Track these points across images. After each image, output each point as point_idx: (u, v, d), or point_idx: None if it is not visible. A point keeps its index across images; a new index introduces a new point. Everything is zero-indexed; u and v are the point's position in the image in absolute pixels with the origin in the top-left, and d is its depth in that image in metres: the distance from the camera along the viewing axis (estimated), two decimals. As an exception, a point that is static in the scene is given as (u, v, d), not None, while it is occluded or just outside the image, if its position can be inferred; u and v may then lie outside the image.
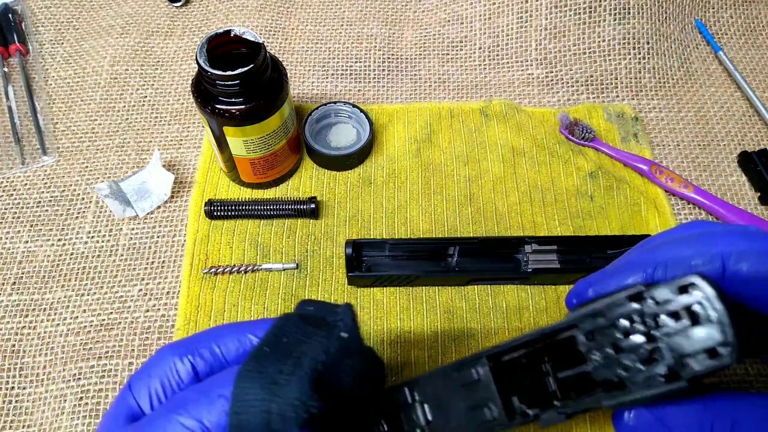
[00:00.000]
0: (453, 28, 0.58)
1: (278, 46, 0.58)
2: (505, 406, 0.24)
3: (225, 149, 0.43)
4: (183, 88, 0.55)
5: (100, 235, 0.46)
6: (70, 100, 0.54)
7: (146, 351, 0.41)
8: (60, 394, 0.39)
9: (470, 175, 0.49)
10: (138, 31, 0.58)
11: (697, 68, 0.57)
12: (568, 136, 0.51)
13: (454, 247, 0.43)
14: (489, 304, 0.43)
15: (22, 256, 0.45)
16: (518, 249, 0.43)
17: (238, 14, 0.60)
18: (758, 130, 0.53)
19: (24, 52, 0.56)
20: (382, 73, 0.57)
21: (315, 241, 0.46)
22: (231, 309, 0.42)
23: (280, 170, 0.46)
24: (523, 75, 0.56)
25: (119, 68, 0.56)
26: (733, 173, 0.50)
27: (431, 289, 0.43)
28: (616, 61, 0.55)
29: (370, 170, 0.49)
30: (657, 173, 0.48)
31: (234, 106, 0.39)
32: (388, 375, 0.40)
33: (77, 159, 0.50)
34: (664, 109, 0.54)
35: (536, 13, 0.56)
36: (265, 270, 0.44)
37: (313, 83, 0.56)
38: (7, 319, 0.42)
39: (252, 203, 0.46)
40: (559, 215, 0.47)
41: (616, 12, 0.54)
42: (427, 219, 0.47)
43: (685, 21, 0.58)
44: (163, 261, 0.45)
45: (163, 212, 0.47)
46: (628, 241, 0.43)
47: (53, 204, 0.48)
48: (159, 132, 0.52)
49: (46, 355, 0.41)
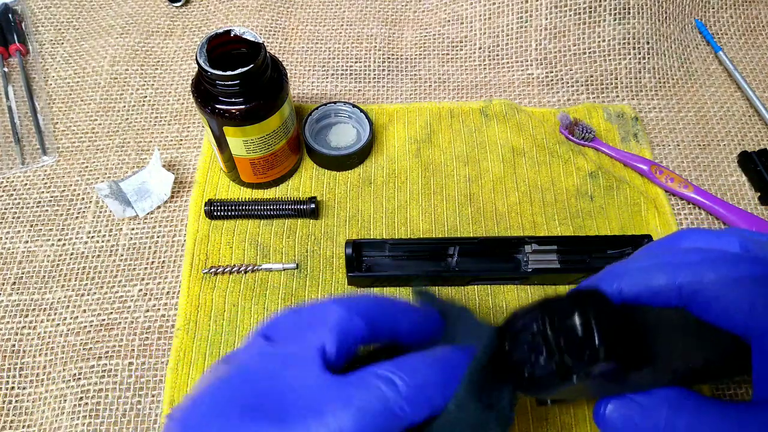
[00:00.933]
0: (453, 28, 0.58)
1: (278, 46, 0.58)
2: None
3: (225, 149, 0.43)
4: (183, 88, 0.55)
5: (100, 235, 0.46)
6: (70, 100, 0.54)
7: (146, 351, 0.41)
8: (60, 394, 0.39)
9: (470, 175, 0.49)
10: (138, 31, 0.58)
11: (697, 68, 0.57)
12: (568, 136, 0.51)
13: (454, 247, 0.43)
14: (489, 304, 0.43)
15: (22, 256, 0.45)
16: (518, 249, 0.43)
17: (238, 14, 0.60)
18: (758, 130, 0.53)
19: (24, 52, 0.56)
20: (382, 73, 0.57)
21: (315, 241, 0.46)
22: (231, 309, 0.42)
23: (280, 170, 0.46)
24: (523, 75, 0.56)
25: (119, 68, 0.56)
26: (733, 173, 0.50)
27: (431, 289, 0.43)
28: (616, 61, 0.55)
29: (370, 170, 0.49)
30: (657, 173, 0.48)
31: (234, 106, 0.39)
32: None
33: (77, 159, 0.50)
34: (664, 109, 0.54)
35: (536, 13, 0.56)
36: (265, 270, 0.44)
37: (313, 83, 0.56)
38: (7, 319, 0.42)
39: (252, 203, 0.46)
40: (559, 215, 0.47)
41: (616, 12, 0.54)
42: (427, 219, 0.47)
43: (685, 21, 0.58)
44: (163, 261, 0.45)
45: (163, 212, 0.47)
46: (628, 241, 0.43)
47: (53, 204, 0.48)
48: (159, 132, 0.52)
49: (46, 355, 0.41)
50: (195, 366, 0.40)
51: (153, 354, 0.41)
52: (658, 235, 0.46)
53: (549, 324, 0.24)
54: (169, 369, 0.40)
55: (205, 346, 0.41)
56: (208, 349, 0.41)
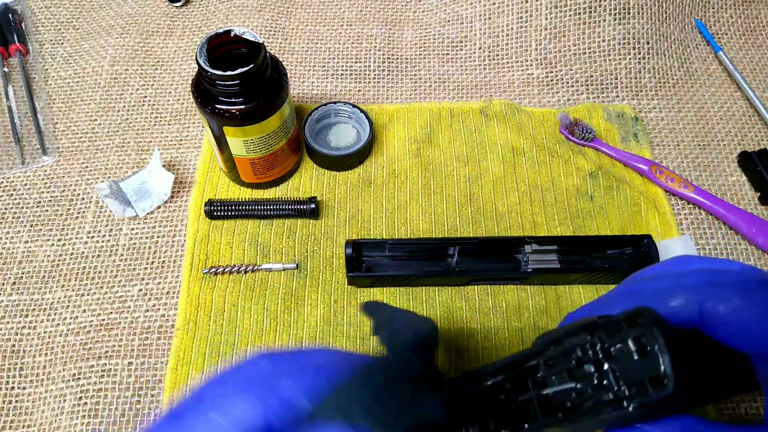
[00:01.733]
0: (453, 28, 0.58)
1: (278, 46, 0.58)
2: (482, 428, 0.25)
3: (225, 149, 0.43)
4: (183, 88, 0.55)
5: (100, 235, 0.46)
6: (70, 100, 0.54)
7: (146, 351, 0.41)
8: (60, 394, 0.39)
9: (470, 175, 0.49)
10: (138, 31, 0.58)
11: (697, 68, 0.57)
12: (568, 136, 0.51)
13: (454, 247, 0.43)
14: (489, 304, 0.43)
15: (22, 256, 0.45)
16: (518, 249, 0.43)
17: (238, 14, 0.60)
18: (758, 130, 0.53)
19: (24, 52, 0.56)
20: (382, 73, 0.57)
21: (315, 241, 0.46)
22: (231, 309, 0.42)
23: (280, 170, 0.46)
24: (523, 75, 0.56)
25: (119, 68, 0.56)
26: (733, 173, 0.50)
27: (431, 289, 0.43)
28: (616, 61, 0.55)
29: (370, 170, 0.49)
30: (657, 173, 0.48)
31: (234, 106, 0.39)
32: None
33: (77, 159, 0.50)
34: (664, 109, 0.54)
35: (536, 13, 0.56)
36: (265, 270, 0.44)
37: (313, 83, 0.56)
38: (7, 319, 0.42)
39: (252, 203, 0.46)
40: (559, 215, 0.47)
41: (616, 12, 0.54)
42: (427, 219, 0.47)
43: (685, 21, 0.58)
44: (163, 261, 0.45)
45: (163, 212, 0.47)
46: (628, 241, 0.43)
47: (53, 204, 0.48)
48: (159, 132, 0.52)
49: (46, 355, 0.41)
50: (194, 366, 0.40)
51: (152, 354, 0.41)
52: (658, 235, 0.46)
53: (601, 347, 0.22)
54: (169, 369, 0.40)
55: (205, 346, 0.41)
56: (208, 349, 0.41)
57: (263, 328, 0.42)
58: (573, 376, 0.22)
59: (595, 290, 0.44)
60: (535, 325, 0.42)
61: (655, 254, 0.42)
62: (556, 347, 0.23)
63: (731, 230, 0.47)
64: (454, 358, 0.41)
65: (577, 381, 0.22)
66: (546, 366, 0.24)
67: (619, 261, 0.43)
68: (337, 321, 0.42)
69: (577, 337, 0.23)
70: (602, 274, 0.42)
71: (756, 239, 0.45)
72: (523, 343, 0.41)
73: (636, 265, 0.43)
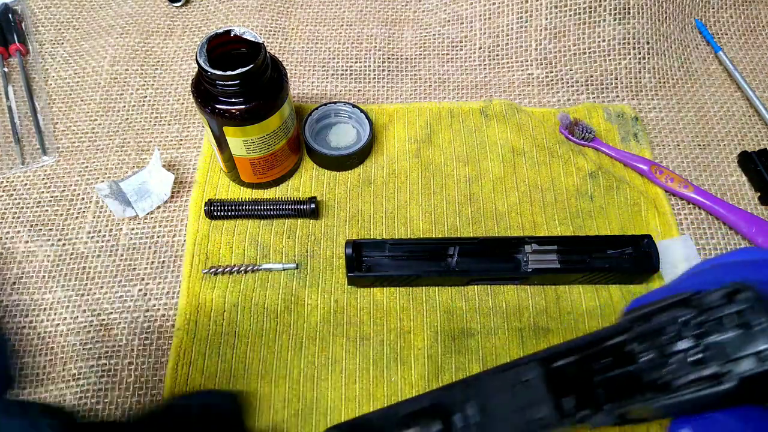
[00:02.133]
0: (453, 28, 0.58)
1: (278, 46, 0.58)
2: (556, 406, 0.25)
3: (225, 149, 0.43)
4: (183, 88, 0.55)
5: (100, 235, 0.46)
6: (70, 100, 0.54)
7: (146, 351, 0.41)
8: (60, 394, 0.39)
9: (470, 175, 0.49)
10: (138, 31, 0.58)
11: (697, 68, 0.57)
12: (568, 136, 0.51)
13: (454, 247, 0.43)
14: (489, 304, 0.43)
15: (22, 256, 0.45)
16: (518, 249, 0.43)
17: (238, 14, 0.60)
18: (758, 130, 0.53)
19: (24, 52, 0.56)
20: (382, 73, 0.57)
21: (315, 241, 0.46)
22: (231, 309, 0.42)
23: (280, 170, 0.46)
24: (523, 75, 0.56)
25: (119, 68, 0.56)
26: (733, 173, 0.50)
27: (431, 289, 0.43)
28: (616, 61, 0.55)
29: (370, 170, 0.49)
30: (657, 173, 0.48)
31: (234, 106, 0.39)
32: (386, 378, 0.40)
33: (77, 159, 0.50)
34: (664, 109, 0.54)
35: (536, 13, 0.56)
36: (265, 270, 0.44)
37: (313, 83, 0.56)
38: (7, 319, 0.42)
39: (252, 203, 0.46)
40: (559, 215, 0.47)
41: (616, 12, 0.54)
42: (427, 219, 0.47)
43: (685, 21, 0.58)
44: (163, 261, 0.45)
45: (163, 212, 0.47)
46: (628, 241, 0.43)
47: (53, 204, 0.48)
48: (159, 132, 0.52)
49: (46, 355, 0.41)
50: (194, 366, 0.40)
51: (153, 354, 0.41)
52: (658, 235, 0.46)
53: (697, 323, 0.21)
54: (169, 369, 0.40)
55: (205, 346, 0.41)
56: (208, 349, 0.41)
57: (263, 328, 0.42)
58: (665, 352, 0.22)
59: (595, 290, 0.44)
60: (535, 325, 0.42)
61: (655, 254, 0.42)
62: (643, 323, 0.23)
63: (731, 230, 0.47)
64: (454, 358, 0.41)
65: (669, 357, 0.22)
66: (635, 342, 0.23)
67: (619, 261, 0.43)
68: (337, 321, 0.42)
69: (670, 312, 0.22)
70: (602, 274, 0.42)
71: (756, 239, 0.45)
72: (523, 343, 0.41)
73: (636, 265, 0.43)
